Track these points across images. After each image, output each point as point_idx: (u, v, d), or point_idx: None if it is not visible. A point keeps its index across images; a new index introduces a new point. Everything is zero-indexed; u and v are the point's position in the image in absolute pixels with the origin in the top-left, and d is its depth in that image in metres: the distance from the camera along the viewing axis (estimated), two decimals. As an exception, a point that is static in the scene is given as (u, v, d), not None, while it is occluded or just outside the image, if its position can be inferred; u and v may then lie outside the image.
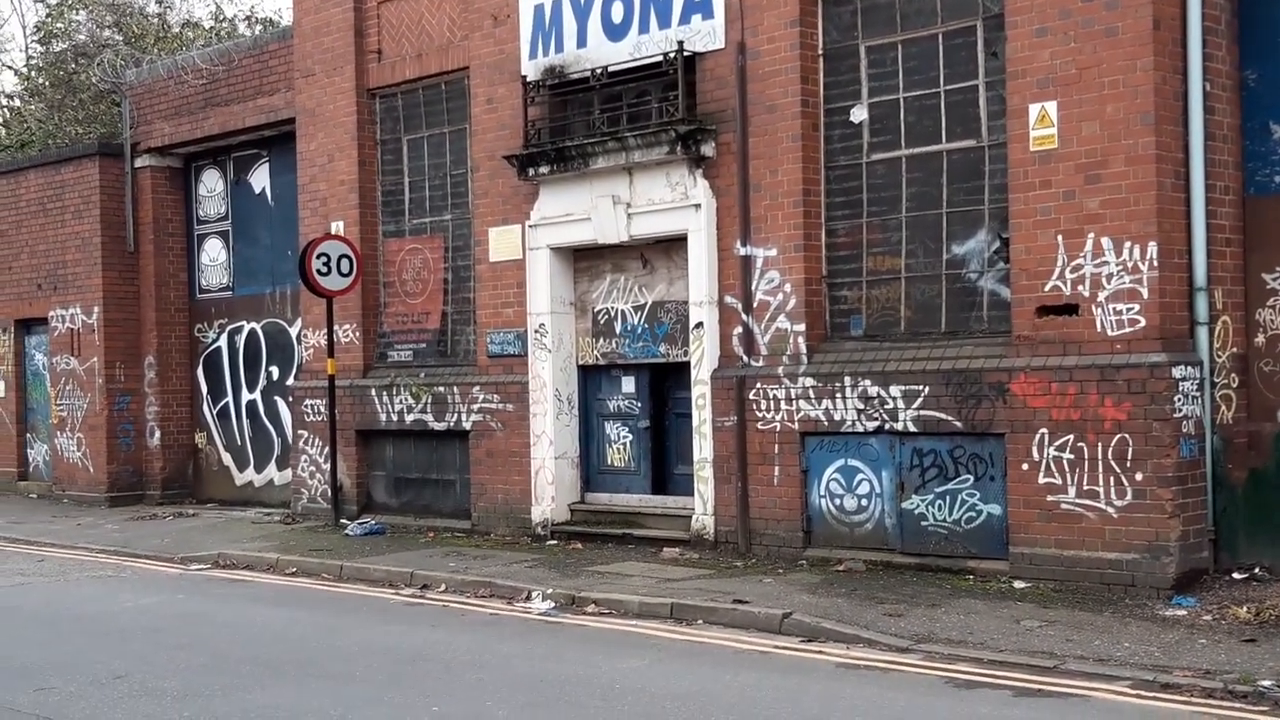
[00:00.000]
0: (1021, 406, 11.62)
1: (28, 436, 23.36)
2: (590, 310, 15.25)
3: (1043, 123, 11.63)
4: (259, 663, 9.76)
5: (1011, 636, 9.63)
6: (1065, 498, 11.38)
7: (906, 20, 12.74)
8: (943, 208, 12.57)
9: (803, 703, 8.29)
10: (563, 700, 8.43)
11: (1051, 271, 11.56)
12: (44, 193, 22.27)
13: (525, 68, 15.22)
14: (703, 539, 13.70)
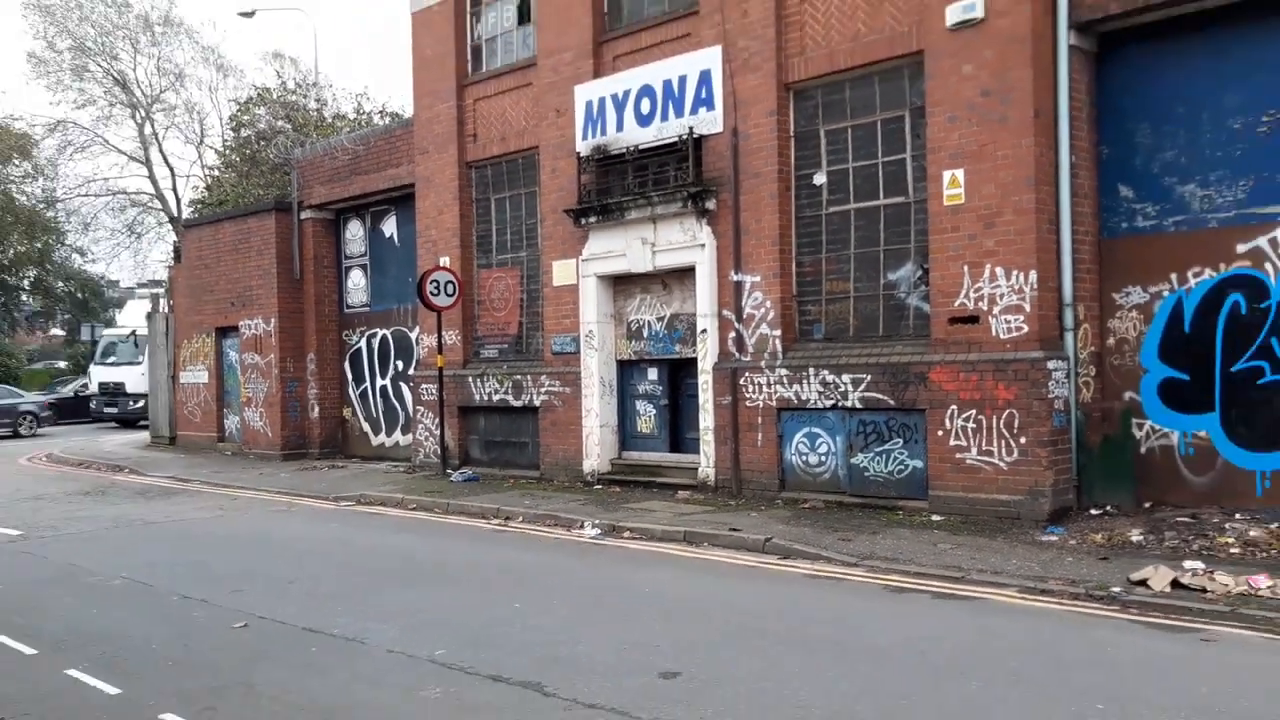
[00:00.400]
0: (938, 390, 11.45)
1: (224, 411, 23.34)
2: (625, 320, 15.12)
3: (953, 184, 11.48)
4: (390, 573, 9.70)
5: (930, 555, 9.49)
6: (969, 455, 11.21)
7: (854, 111, 12.57)
8: (880, 245, 12.39)
9: (780, 601, 8.18)
10: (607, 600, 8.35)
11: (959, 292, 11.40)
12: (236, 237, 22.27)
13: (579, 146, 15.12)
14: (706, 485, 13.56)
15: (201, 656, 6.93)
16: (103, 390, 33.48)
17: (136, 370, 31.96)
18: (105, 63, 50.08)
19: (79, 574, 9.98)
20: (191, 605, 8.45)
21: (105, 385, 33.38)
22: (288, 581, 9.26)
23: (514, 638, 7.11)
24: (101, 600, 8.77)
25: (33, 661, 6.97)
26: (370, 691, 6.08)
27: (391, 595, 8.63)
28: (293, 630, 7.52)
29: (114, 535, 12.38)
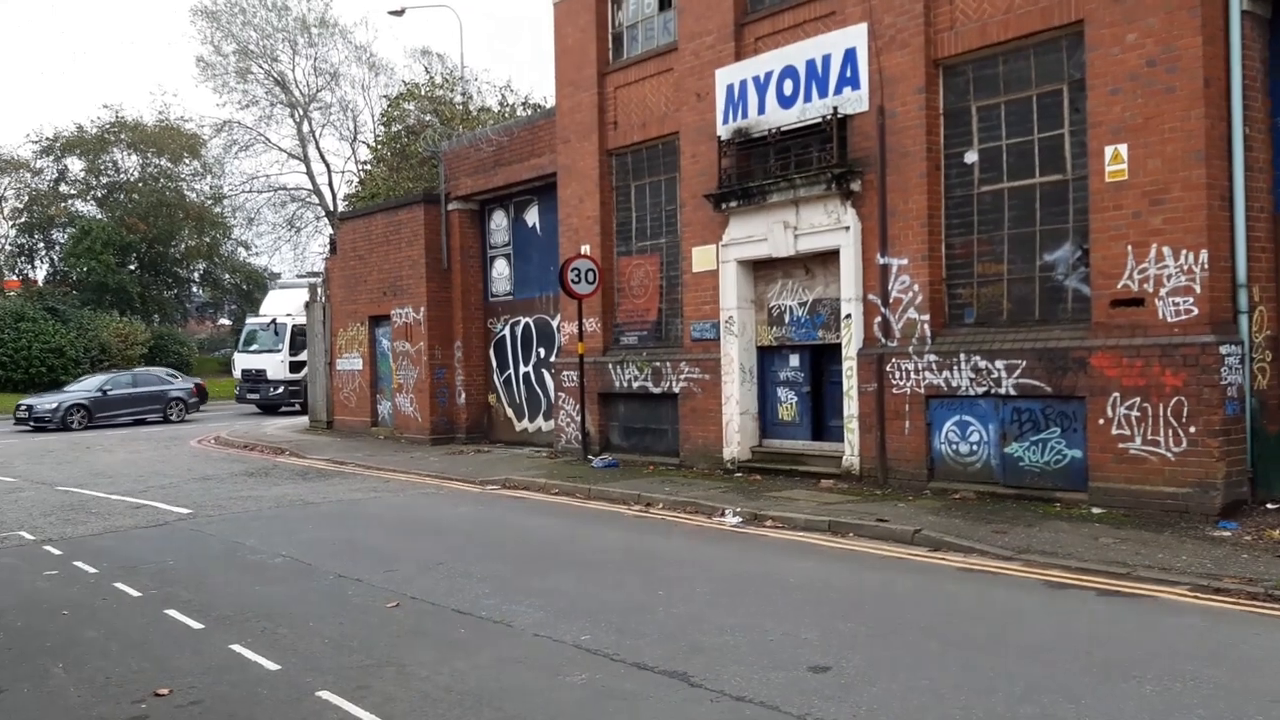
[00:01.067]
0: (1099, 376, 10.82)
1: (376, 396, 24.06)
2: (766, 306, 14.84)
3: (1116, 160, 10.82)
4: (534, 557, 9.73)
5: (1092, 550, 8.96)
6: (1133, 445, 10.56)
7: (1008, 85, 11.99)
8: (1036, 225, 11.79)
9: (933, 595, 7.84)
10: (751, 589, 8.14)
11: (1122, 273, 10.75)
12: (387, 229, 22.90)
13: (719, 130, 14.90)
14: (850, 474, 13.20)
15: (356, 635, 7.06)
16: (245, 377, 34.72)
17: (276, 358, 33.38)
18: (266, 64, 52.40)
19: (243, 551, 10.37)
20: (347, 584, 8.65)
21: (247, 372, 34.55)
22: (437, 563, 9.38)
23: (658, 625, 7.00)
24: (264, 577, 9.07)
25: (200, 636, 7.23)
26: (517, 675, 6.07)
27: (536, 579, 8.64)
28: (442, 611, 7.59)
29: (275, 515, 12.84)
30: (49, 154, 48.80)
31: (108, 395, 30.79)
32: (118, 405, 30.88)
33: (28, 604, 8.39)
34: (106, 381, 31.62)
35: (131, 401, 31.32)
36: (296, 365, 33.32)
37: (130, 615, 7.91)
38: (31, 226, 49.41)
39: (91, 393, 30.78)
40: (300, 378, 32.92)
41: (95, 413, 30.27)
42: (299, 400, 32.90)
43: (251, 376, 34.36)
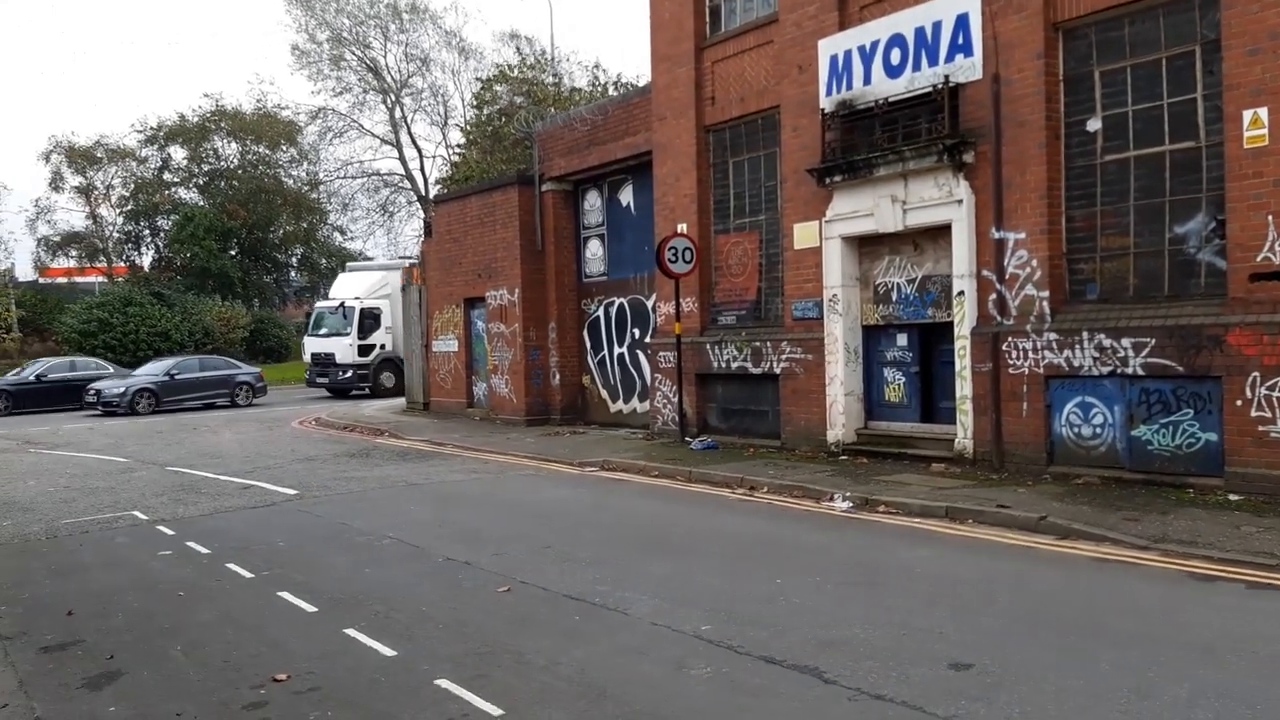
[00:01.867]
0: (1236, 354, 10.15)
1: (472, 378, 24.13)
2: (871, 283, 14.35)
3: (1255, 125, 10.11)
4: (642, 541, 9.51)
5: (1234, 539, 8.38)
6: (1274, 428, 9.90)
7: (1134, 49, 11.30)
8: (1165, 196, 11.10)
9: (1072, 587, 7.37)
10: (874, 578, 7.77)
11: (1263, 245, 10.04)
12: (482, 211, 22.88)
13: (823, 102, 14.42)
14: (963, 457, 12.68)
15: (470, 620, 6.90)
16: (314, 360, 34.40)
17: (344, 341, 33.00)
18: (359, 51, 53.14)
19: (350, 533, 10.34)
20: (456, 568, 8.52)
21: (317, 356, 34.23)
22: (544, 546, 9.21)
23: (780, 616, 6.69)
24: (373, 560, 9.00)
25: (314, 620, 7.15)
26: (637, 665, 5.83)
27: (646, 564, 8.40)
28: (555, 597, 7.40)
29: (380, 496, 12.85)
30: (153, 143, 50.23)
31: (175, 379, 30.74)
32: (185, 389, 30.81)
33: (143, 584, 8.44)
34: (174, 366, 31.57)
35: (199, 386, 31.27)
36: (365, 349, 33.22)
37: (244, 597, 7.89)
38: (137, 214, 50.94)
39: (159, 377, 30.73)
40: (369, 361, 33.00)
41: (163, 397, 30.21)
42: (367, 384, 32.94)
43: (320, 360, 34.03)
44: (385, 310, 33.39)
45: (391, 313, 33.09)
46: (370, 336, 33.24)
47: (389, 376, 33.48)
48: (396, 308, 32.57)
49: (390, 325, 33.25)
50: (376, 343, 33.41)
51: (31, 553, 10.13)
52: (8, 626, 7.34)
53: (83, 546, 10.28)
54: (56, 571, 9.15)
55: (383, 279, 33.93)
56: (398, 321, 32.40)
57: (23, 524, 11.64)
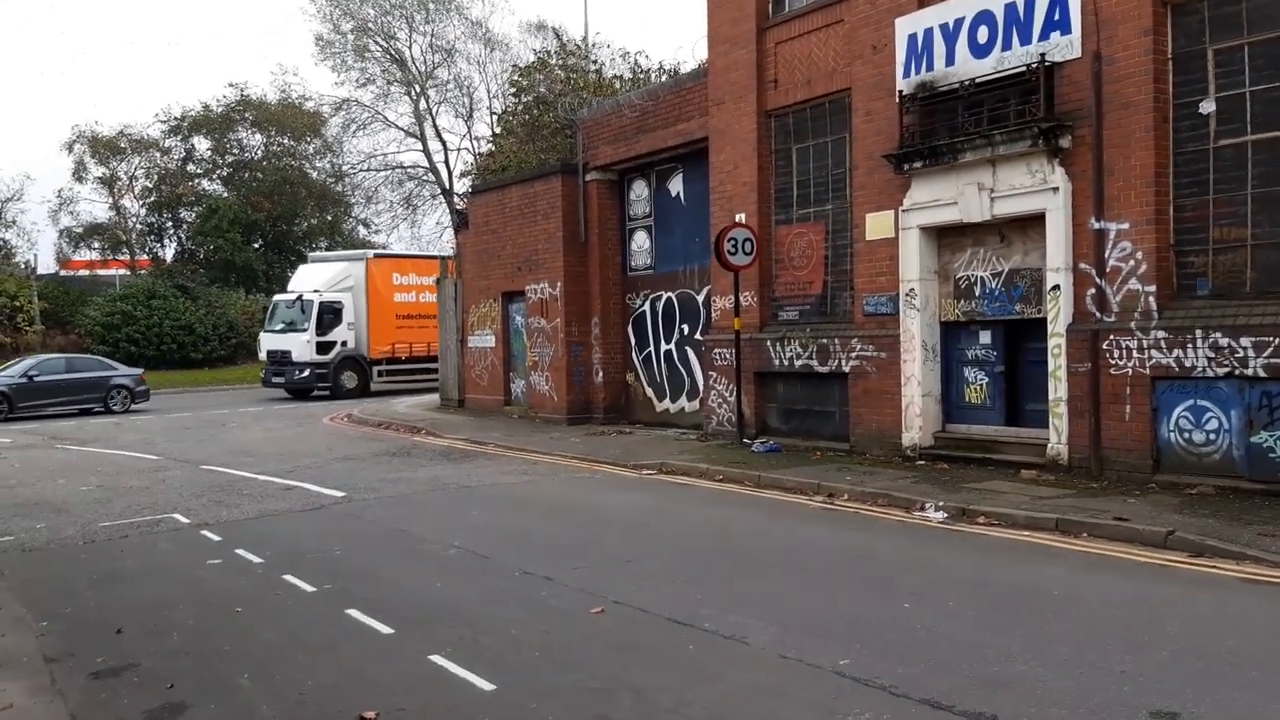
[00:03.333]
0: (1378, 355, 9.33)
1: (510, 375, 23.44)
2: (952, 277, 13.56)
3: (1393, 104, 9.26)
4: (730, 554, 8.77)
5: (1393, 560, 7.59)
6: None
7: (1253, 23, 10.48)
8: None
9: (1245, 615, 6.57)
10: (1011, 601, 6.99)
11: (1406, 236, 9.21)
12: (522, 201, 22.19)
13: (900, 84, 13.65)
14: (1057, 464, 11.88)
15: (568, 647, 6.19)
16: (270, 359, 32.04)
17: (301, 338, 30.70)
18: (383, 42, 52.52)
19: (409, 540, 9.66)
20: (536, 583, 7.81)
21: (273, 353, 31.84)
22: (625, 560, 8.49)
23: (924, 647, 5.94)
24: (442, 572, 8.31)
25: (391, 643, 6.45)
26: (782, 710, 5.09)
27: (745, 581, 7.68)
28: (657, 621, 6.67)
29: (432, 499, 12.17)
30: (176, 133, 49.77)
31: (34, 382, 26.91)
32: (47, 394, 27.01)
33: (196, 598, 7.77)
34: (34, 366, 27.63)
35: (64, 390, 27.42)
36: (324, 346, 30.99)
37: (308, 614, 7.21)
38: (160, 205, 50.51)
39: (15, 379, 26.86)
40: (329, 359, 30.95)
41: (17, 402, 26.42)
42: (327, 384, 30.87)
43: (276, 358, 31.64)
44: (347, 304, 31.48)
45: (354, 307, 31.59)
46: (330, 332, 31.15)
47: (351, 376, 31.54)
48: (360, 301, 31.60)
49: (353, 321, 31.58)
50: (337, 339, 31.28)
51: (69, 559, 9.49)
52: (53, 646, 6.68)
53: (123, 552, 9.63)
54: (98, 581, 8.50)
55: (345, 270, 32.09)
56: (361, 316, 31.58)
57: (57, 527, 11.02)
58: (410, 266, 33.14)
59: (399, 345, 32.48)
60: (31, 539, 10.39)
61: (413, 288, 32.54)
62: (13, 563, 9.38)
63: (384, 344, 32.20)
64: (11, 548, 10.02)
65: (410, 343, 32.62)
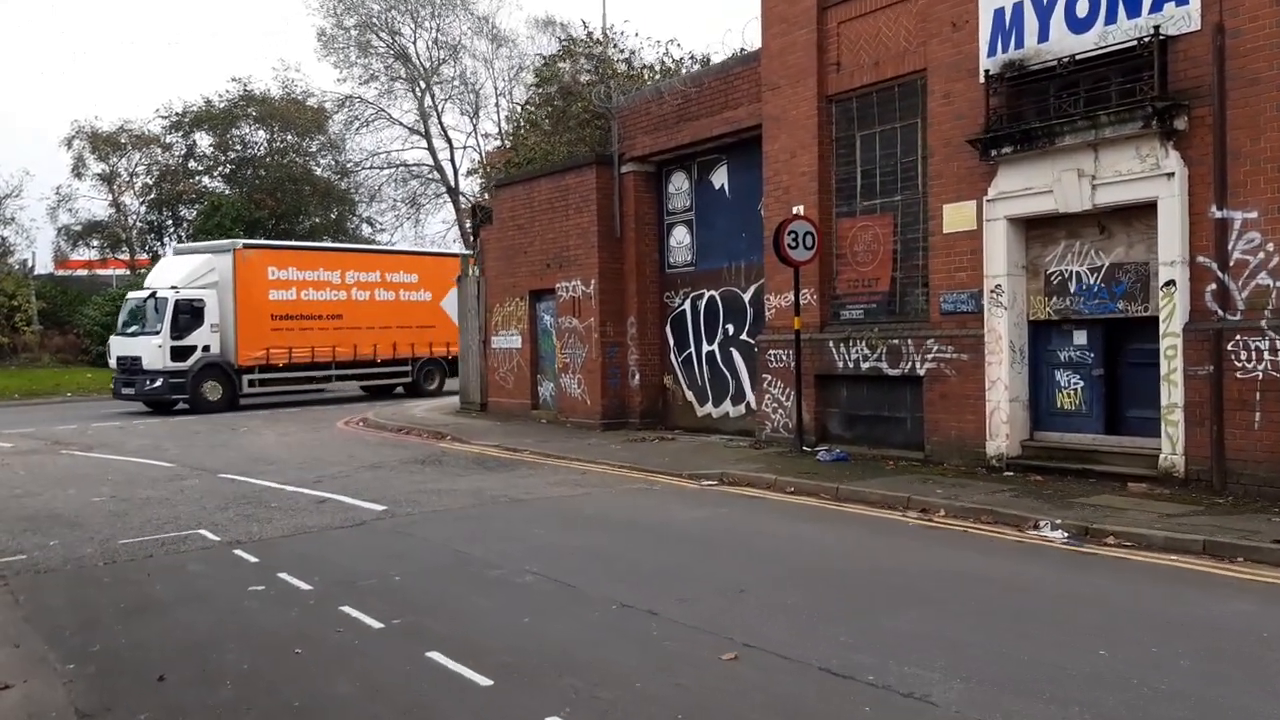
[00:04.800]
0: None
1: (537, 377, 22.39)
2: (1042, 272, 12.56)
3: None
4: (852, 582, 7.74)
5: None
6: None
7: (1402, -11, 9.50)
8: None
9: None
10: (1220, 647, 5.94)
11: None
12: (552, 195, 21.16)
13: (984, 64, 12.65)
14: (1171, 476, 10.87)
15: (715, 707, 5.17)
16: (120, 366, 27.33)
17: (153, 342, 26.09)
18: (387, 37, 51.51)
19: (474, 564, 8.62)
20: (640, 619, 6.78)
21: (123, 360, 27.16)
22: (737, 589, 7.46)
23: (1163, 713, 4.91)
24: (525, 604, 7.27)
25: (495, 699, 5.42)
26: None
27: (885, 617, 6.66)
28: (807, 670, 5.64)
29: (482, 514, 11.14)
30: (178, 129, 48.63)
31: None
32: None
33: (245, 635, 6.74)
34: None
35: None
36: (181, 351, 26.33)
37: (382, 657, 6.17)
38: (160, 203, 49.37)
39: None
40: (187, 367, 26.35)
41: None
42: (184, 395, 26.64)
43: (126, 365, 26.93)
44: (210, 303, 26.78)
45: (219, 306, 26.95)
46: (189, 335, 26.43)
47: (214, 387, 27.01)
48: (226, 299, 27.05)
49: (217, 322, 26.88)
50: (197, 344, 26.61)
51: (91, 582, 8.46)
52: (85, 697, 5.65)
53: (150, 576, 8.60)
54: (128, 611, 7.47)
55: (208, 263, 27.27)
56: (228, 317, 27.09)
57: (73, 544, 9.98)
58: (291, 259, 28.99)
59: (275, 351, 28.05)
60: (46, 558, 9.36)
61: (293, 284, 28.48)
62: (28, 586, 8.36)
63: (255, 349, 27.64)
64: (25, 568, 8.98)
65: (289, 348, 28.33)
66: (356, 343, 29.77)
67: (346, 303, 29.76)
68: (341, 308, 29.64)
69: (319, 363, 29.12)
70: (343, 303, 29.71)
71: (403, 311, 31.02)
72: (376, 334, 30.14)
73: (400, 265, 31.80)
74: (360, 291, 30.11)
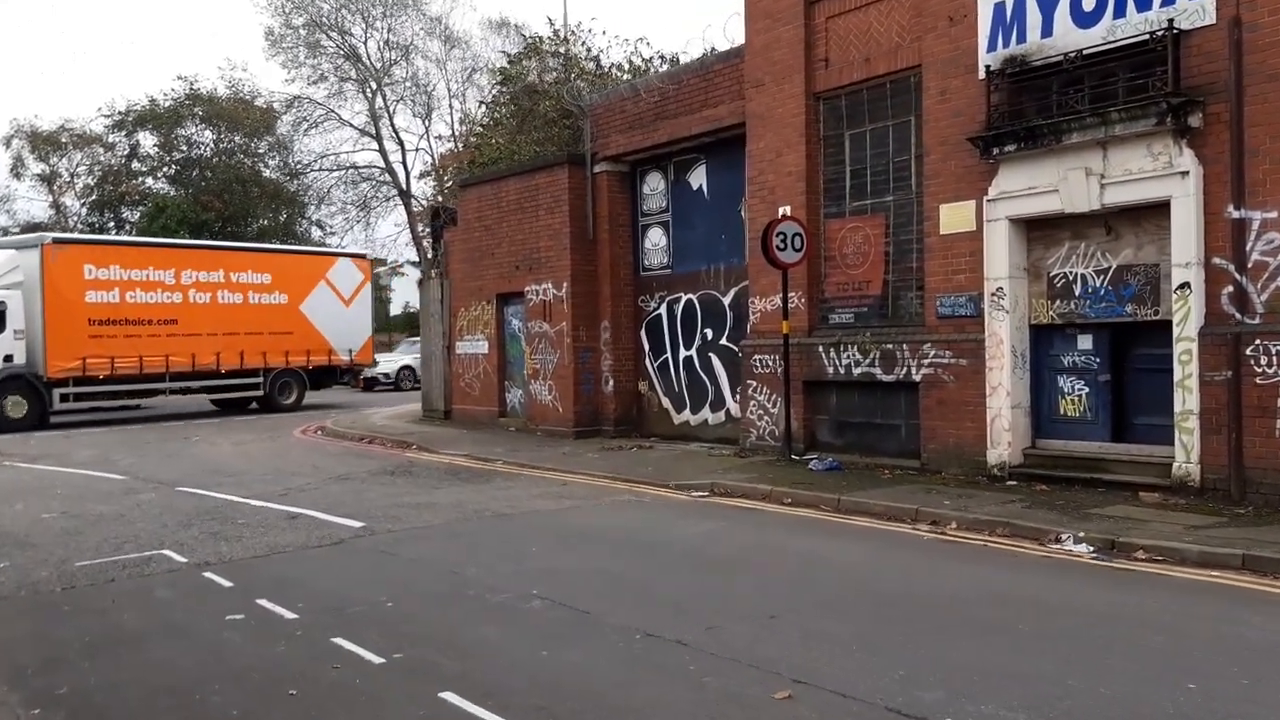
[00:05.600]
0: None
1: (506, 383, 21.69)
2: (1044, 275, 12.19)
3: None
4: (891, 609, 7.15)
5: None
6: None
7: None
8: None
9: None
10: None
11: None
12: (521, 195, 20.50)
13: (984, 59, 12.28)
14: (1185, 485, 10.53)
15: (781, 757, 4.60)
16: None
17: None
18: (337, 37, 50.39)
19: (472, 586, 7.98)
20: (669, 650, 6.19)
21: None
22: (764, 615, 6.89)
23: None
24: (537, 633, 6.64)
25: (530, 748, 4.81)
26: None
27: (938, 646, 6.12)
28: (874, 712, 5.08)
29: (471, 530, 10.48)
30: (121, 128, 47.11)
31: None
32: None
33: (229, 674, 6.04)
34: None
35: None
36: None
37: (390, 700, 5.52)
38: (102, 204, 47.77)
39: None
40: None
41: None
42: None
43: None
44: (13, 305, 23.46)
45: (25, 309, 23.59)
46: None
47: (17, 403, 23.66)
48: (33, 301, 23.66)
49: (22, 328, 23.60)
50: None
51: (50, 611, 7.69)
52: (54, 755, 4.94)
53: (115, 603, 7.85)
54: (95, 645, 6.73)
55: (11, 261, 23.96)
56: (35, 322, 23.70)
57: (25, 566, 9.17)
58: (113, 256, 25.42)
59: (94, 361, 24.50)
60: (-5, 584, 8.55)
61: (115, 284, 24.98)
62: (-23, 618, 7.57)
63: (69, 359, 24.09)
64: (-28, 597, 8.18)
65: (112, 357, 24.79)
66: (195, 351, 26.16)
67: (183, 306, 26.11)
68: (176, 311, 25.98)
69: (150, 374, 25.57)
70: (177, 306, 26.02)
71: (252, 316, 27.43)
72: (220, 341, 26.62)
73: (248, 264, 27.85)
74: (200, 293, 26.46)
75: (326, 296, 29.24)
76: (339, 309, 29.52)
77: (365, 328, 30.65)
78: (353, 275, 30.28)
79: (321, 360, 29.06)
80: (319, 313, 28.91)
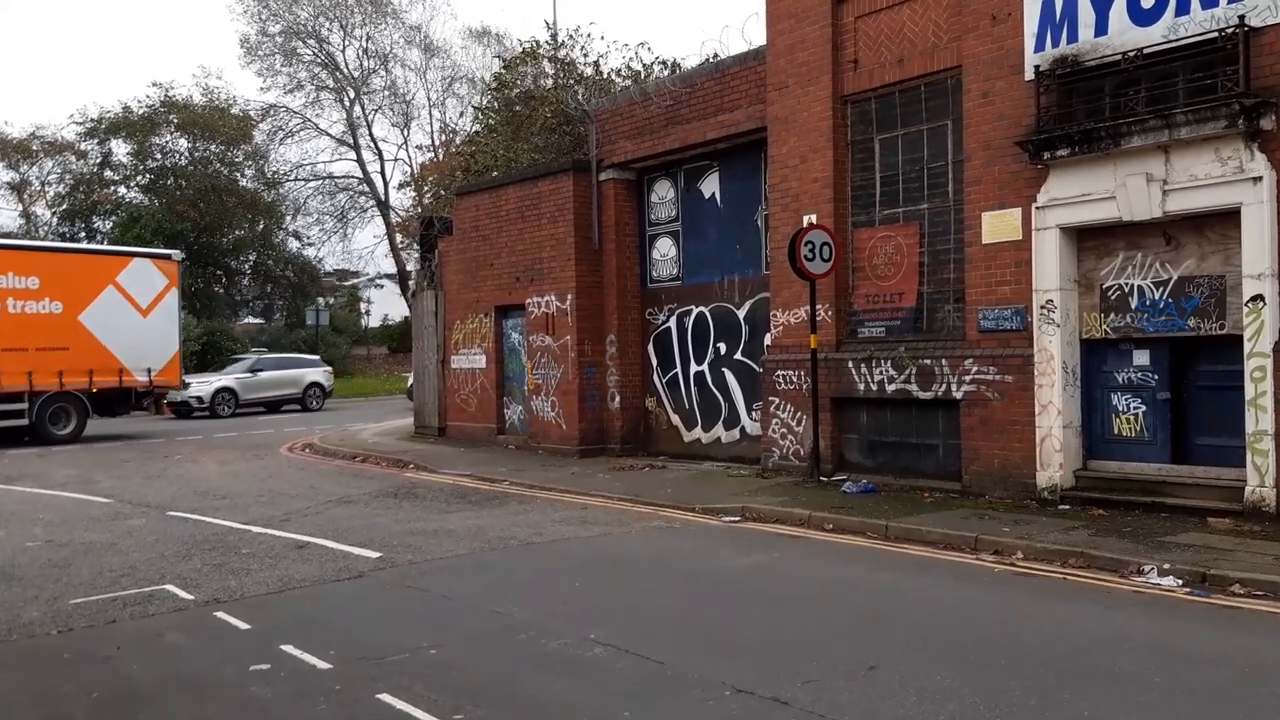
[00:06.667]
0: None
1: (504, 399, 20.90)
2: (1097, 286, 11.61)
3: None
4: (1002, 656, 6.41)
5: None
6: None
7: None
8: None
9: None
10: None
11: None
12: (522, 203, 19.76)
13: (1031, 59, 11.71)
14: (1259, 510, 9.92)
15: None
16: None
17: None
18: (314, 45, 49.53)
19: (519, 630, 7.21)
20: (766, 710, 5.46)
21: None
22: (866, 666, 6.17)
23: None
24: (609, 689, 5.90)
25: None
26: None
27: (1072, 705, 5.44)
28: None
29: (497, 562, 9.71)
30: (93, 136, 45.99)
31: None
32: None
33: (267, 739, 5.27)
34: None
35: None
36: None
37: (463, 775, 4.77)
38: (74, 214, 46.59)
39: None
40: None
41: None
42: None
43: None
44: None
45: None
46: None
47: None
48: None
49: None
50: None
51: (47, 659, 6.88)
52: None
53: (120, 649, 7.03)
54: (104, 703, 5.95)
55: None
56: None
57: (13, 604, 8.35)
58: None
59: None
60: (-18, 627, 7.71)
61: None
62: (-36, 668, 6.74)
63: None
64: (-44, 642, 7.34)
65: None
66: None
67: None
68: None
69: (40, 391, 22.68)
70: None
71: (13, 328, 22.25)
72: None
73: (8, 264, 22.52)
74: None
75: (117, 305, 23.87)
76: (134, 320, 24.17)
77: (170, 343, 25.12)
78: (152, 279, 24.74)
79: (110, 381, 23.88)
80: (106, 325, 23.63)
